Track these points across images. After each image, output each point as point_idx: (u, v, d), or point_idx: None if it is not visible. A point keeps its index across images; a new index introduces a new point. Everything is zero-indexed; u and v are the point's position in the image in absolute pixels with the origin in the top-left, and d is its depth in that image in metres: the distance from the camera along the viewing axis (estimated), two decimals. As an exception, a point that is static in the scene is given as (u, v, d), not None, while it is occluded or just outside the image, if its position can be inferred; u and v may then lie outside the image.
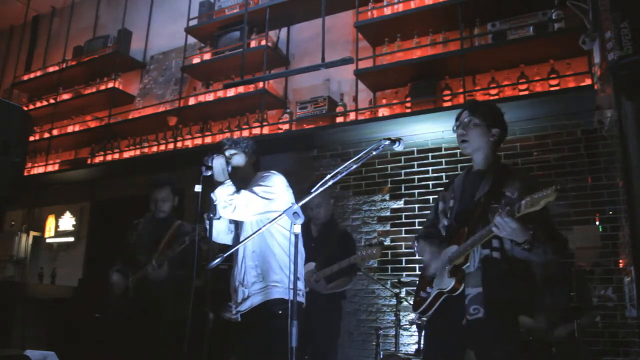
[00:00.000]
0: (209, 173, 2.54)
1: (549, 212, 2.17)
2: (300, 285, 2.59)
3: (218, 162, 2.56)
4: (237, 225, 2.74)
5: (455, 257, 2.17)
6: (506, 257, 2.11)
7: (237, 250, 2.60)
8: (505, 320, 2.09)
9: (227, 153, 2.71)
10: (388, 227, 4.49)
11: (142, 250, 3.49)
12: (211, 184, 2.53)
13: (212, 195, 2.49)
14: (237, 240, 2.72)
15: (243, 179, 2.69)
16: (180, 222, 3.60)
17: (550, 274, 3.39)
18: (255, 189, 2.53)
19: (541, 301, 3.33)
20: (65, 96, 6.62)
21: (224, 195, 2.47)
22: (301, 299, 2.57)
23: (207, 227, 2.51)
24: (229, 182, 2.52)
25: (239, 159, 2.73)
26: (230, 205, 2.45)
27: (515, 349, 2.13)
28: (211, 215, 2.48)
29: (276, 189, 2.59)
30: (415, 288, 4.10)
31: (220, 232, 2.74)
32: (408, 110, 4.32)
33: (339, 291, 3.57)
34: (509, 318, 2.13)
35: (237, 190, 2.50)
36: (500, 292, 2.08)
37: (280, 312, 2.45)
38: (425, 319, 2.37)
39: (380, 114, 4.44)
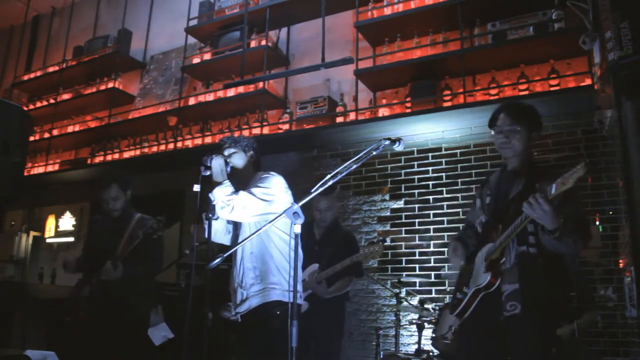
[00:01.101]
0: (208, 173, 2.54)
1: (580, 203, 2.18)
2: (299, 287, 2.58)
3: (217, 163, 2.56)
4: (236, 225, 2.74)
5: (492, 252, 2.19)
6: (543, 253, 2.12)
7: (235, 251, 2.60)
8: (542, 316, 2.10)
9: (227, 152, 2.71)
10: (388, 227, 4.49)
11: (103, 249, 3.39)
12: (210, 184, 2.53)
13: (210, 195, 2.49)
14: (235, 240, 2.72)
15: (242, 179, 2.68)
16: (140, 216, 3.50)
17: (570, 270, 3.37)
18: (254, 190, 2.53)
19: (568, 299, 3.29)
20: (65, 96, 6.62)
21: (222, 196, 2.46)
22: (299, 301, 2.56)
23: (206, 227, 2.51)
24: (227, 183, 2.52)
25: (238, 158, 2.72)
26: (228, 206, 2.45)
27: (550, 347, 2.13)
28: (210, 215, 2.48)
29: (275, 190, 2.58)
30: (416, 289, 4.15)
31: (218, 232, 2.73)
32: (408, 110, 4.31)
33: (340, 293, 3.55)
34: (546, 315, 2.13)
35: (236, 191, 2.50)
36: (537, 288, 2.09)
37: (278, 312, 2.45)
38: (458, 320, 2.36)
39: (380, 114, 4.44)
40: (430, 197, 4.34)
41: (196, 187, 2.45)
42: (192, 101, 5.60)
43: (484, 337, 2.23)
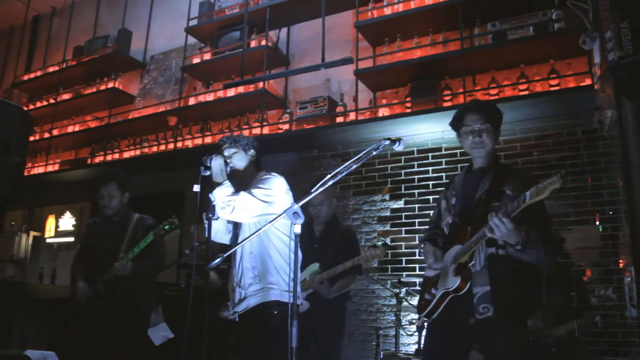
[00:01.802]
0: (208, 173, 2.54)
1: (546, 212, 2.17)
2: (298, 287, 2.58)
3: (217, 163, 2.56)
4: (236, 225, 2.74)
5: (460, 256, 2.17)
6: (511, 255, 2.11)
7: (235, 251, 2.60)
8: (514, 318, 2.10)
9: (227, 152, 2.70)
10: (388, 227, 4.49)
11: (105, 250, 3.41)
12: (210, 184, 2.53)
13: (210, 195, 2.49)
14: (235, 240, 2.72)
15: (244, 179, 2.68)
16: (139, 216, 3.54)
17: (550, 274, 3.39)
18: (255, 191, 2.52)
19: (540, 301, 3.32)
20: (65, 96, 6.62)
21: (222, 196, 2.46)
22: (298, 301, 2.56)
23: (206, 227, 2.51)
24: (227, 183, 2.52)
25: (239, 158, 2.71)
26: (229, 206, 2.45)
27: (524, 348, 2.13)
28: (210, 215, 2.48)
29: (276, 192, 2.58)
30: (416, 289, 4.15)
31: (218, 232, 2.73)
32: (408, 110, 4.31)
33: (342, 292, 3.54)
34: (518, 316, 2.13)
35: (236, 192, 2.50)
36: (509, 290, 2.08)
37: (275, 312, 2.45)
38: (425, 320, 2.35)
39: (380, 114, 4.44)
40: (430, 197, 4.34)
41: (196, 187, 2.45)
42: (192, 101, 5.60)
43: (452, 338, 2.20)
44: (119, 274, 3.26)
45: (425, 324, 2.94)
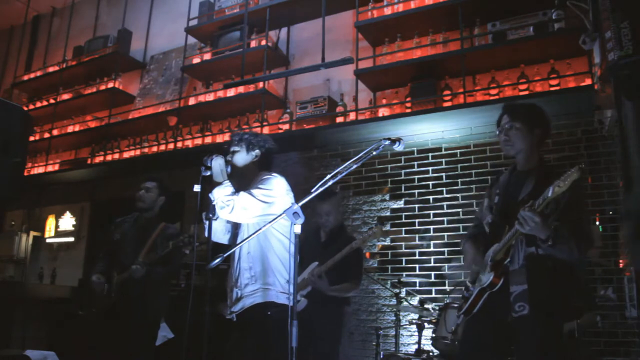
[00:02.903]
0: (208, 173, 2.54)
1: (583, 208, 2.20)
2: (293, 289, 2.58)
3: (217, 163, 2.56)
4: (235, 225, 2.74)
5: (496, 253, 2.22)
6: (550, 255, 2.12)
7: (234, 251, 2.60)
8: (549, 317, 2.11)
9: (232, 149, 2.71)
10: (388, 227, 4.48)
11: (126, 250, 3.53)
12: (211, 184, 2.53)
13: (210, 195, 2.49)
14: (234, 240, 2.72)
15: (244, 178, 2.67)
16: (164, 224, 3.65)
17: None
18: (254, 191, 2.52)
19: (577, 303, 3.27)
20: (65, 96, 6.62)
21: (222, 196, 2.46)
22: (291, 302, 2.56)
23: (206, 227, 2.51)
24: (227, 183, 2.52)
25: (239, 157, 2.71)
26: (228, 206, 2.44)
27: (556, 348, 2.13)
28: (210, 215, 2.48)
29: (276, 192, 2.57)
30: (417, 289, 4.15)
31: (217, 232, 2.73)
32: (408, 110, 4.31)
33: (343, 296, 3.50)
34: (553, 315, 2.14)
35: (236, 192, 2.49)
36: (545, 289, 2.10)
37: (269, 313, 2.46)
38: (465, 317, 2.38)
39: (380, 114, 4.44)
40: (430, 197, 4.34)
41: (196, 187, 2.45)
42: (192, 101, 5.60)
43: (489, 336, 2.24)
44: (134, 276, 3.33)
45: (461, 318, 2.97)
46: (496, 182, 2.48)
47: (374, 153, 2.02)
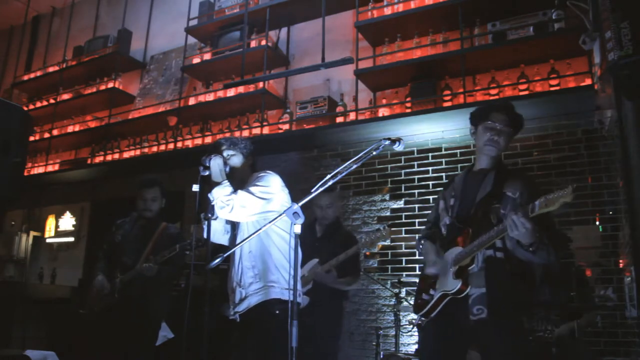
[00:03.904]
0: (207, 173, 2.54)
1: (551, 214, 2.17)
2: (298, 285, 2.58)
3: (216, 163, 2.56)
4: (234, 226, 2.74)
5: (462, 259, 2.17)
6: (509, 258, 2.11)
7: (234, 251, 2.60)
8: (508, 320, 2.10)
9: (225, 154, 2.71)
10: (385, 227, 4.48)
11: (128, 251, 3.54)
12: (210, 184, 2.53)
13: (209, 195, 2.49)
14: (234, 241, 2.72)
15: (240, 180, 2.69)
16: (165, 224, 3.66)
17: (551, 273, 3.38)
18: (252, 189, 2.53)
19: (536, 301, 3.32)
20: (65, 96, 6.62)
21: (221, 196, 2.47)
22: (298, 299, 2.56)
23: (205, 227, 2.51)
24: (226, 183, 2.52)
25: (236, 160, 2.73)
26: (228, 205, 2.45)
27: (518, 349, 2.13)
28: (209, 215, 2.48)
29: (273, 189, 2.59)
30: (415, 288, 4.14)
31: (217, 232, 2.73)
32: (408, 110, 4.31)
33: (344, 289, 3.60)
34: (513, 318, 2.13)
35: (235, 191, 2.50)
36: (503, 292, 2.08)
37: (277, 312, 2.45)
38: (423, 320, 2.36)
39: (380, 114, 4.44)
40: (430, 197, 4.34)
41: (195, 187, 2.45)
42: (192, 101, 5.60)
43: (448, 338, 2.21)
44: (146, 274, 3.35)
45: (421, 324, 2.97)
46: (451, 183, 2.44)
47: (374, 153, 2.01)
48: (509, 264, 2.10)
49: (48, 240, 6.89)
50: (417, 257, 4.30)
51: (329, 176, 1.99)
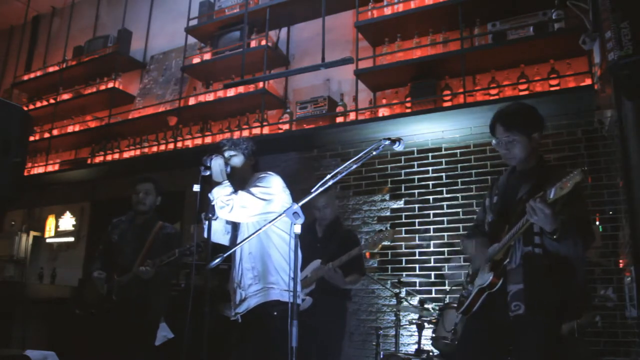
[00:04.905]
0: (208, 173, 2.54)
1: (586, 207, 2.18)
2: (298, 287, 2.58)
3: (216, 163, 2.56)
4: (235, 226, 2.74)
5: (495, 253, 2.21)
6: (548, 254, 2.12)
7: (234, 252, 2.60)
8: (545, 316, 2.10)
9: (227, 154, 2.71)
10: (388, 227, 4.48)
11: (124, 251, 3.53)
12: (210, 184, 2.53)
13: (209, 195, 2.49)
14: (234, 241, 2.72)
15: (241, 180, 2.69)
16: (161, 224, 3.64)
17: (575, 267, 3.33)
18: (253, 189, 2.53)
19: (575, 302, 3.26)
20: (65, 96, 6.62)
21: (222, 196, 2.47)
22: (299, 300, 2.57)
23: (205, 227, 2.51)
24: (226, 183, 2.52)
25: (237, 161, 2.73)
26: (228, 205, 2.45)
27: (552, 348, 2.13)
28: (209, 215, 2.48)
29: (274, 190, 2.59)
30: (417, 289, 4.15)
31: (217, 232, 2.73)
32: (408, 110, 4.31)
33: (350, 288, 3.63)
34: (549, 315, 2.13)
35: (235, 191, 2.50)
36: (541, 288, 2.10)
37: (275, 313, 2.45)
38: (464, 316, 2.38)
39: (380, 114, 4.44)
40: (430, 197, 4.34)
41: (196, 187, 2.45)
42: (192, 101, 5.60)
43: (487, 335, 2.24)
44: (143, 277, 3.34)
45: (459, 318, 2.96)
46: (496, 181, 2.48)
47: (374, 153, 2.02)
48: (548, 259, 2.11)
49: (48, 240, 6.89)
50: (417, 257, 4.31)
51: (328, 176, 1.99)
